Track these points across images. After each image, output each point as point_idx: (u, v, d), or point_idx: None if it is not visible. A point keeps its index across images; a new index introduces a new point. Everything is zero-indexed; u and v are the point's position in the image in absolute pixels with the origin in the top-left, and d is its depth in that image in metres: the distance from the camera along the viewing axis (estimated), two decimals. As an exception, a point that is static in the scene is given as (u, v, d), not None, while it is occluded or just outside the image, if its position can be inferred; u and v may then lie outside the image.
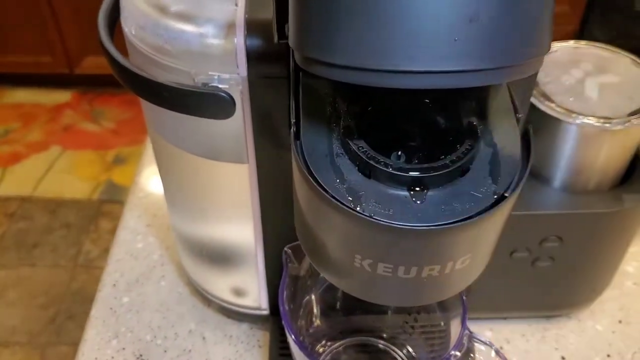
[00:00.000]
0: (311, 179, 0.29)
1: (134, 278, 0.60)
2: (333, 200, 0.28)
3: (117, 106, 2.08)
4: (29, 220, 1.77)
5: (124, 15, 0.40)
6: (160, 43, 0.37)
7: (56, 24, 1.91)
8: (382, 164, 0.28)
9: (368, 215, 0.27)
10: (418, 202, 0.28)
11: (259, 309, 0.54)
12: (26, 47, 1.96)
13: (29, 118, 2.05)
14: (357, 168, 0.29)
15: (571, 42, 0.50)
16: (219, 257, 0.51)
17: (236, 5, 0.37)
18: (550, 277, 0.51)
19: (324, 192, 0.28)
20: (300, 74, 0.31)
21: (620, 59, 0.48)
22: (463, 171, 0.29)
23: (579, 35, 1.66)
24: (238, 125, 0.39)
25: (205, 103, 0.37)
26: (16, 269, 1.64)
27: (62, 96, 2.13)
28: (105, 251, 1.65)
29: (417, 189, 0.28)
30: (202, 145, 0.42)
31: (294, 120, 0.31)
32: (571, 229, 0.47)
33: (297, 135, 0.31)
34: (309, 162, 0.30)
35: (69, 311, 1.56)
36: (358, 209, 0.27)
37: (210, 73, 0.37)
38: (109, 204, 1.78)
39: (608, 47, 0.49)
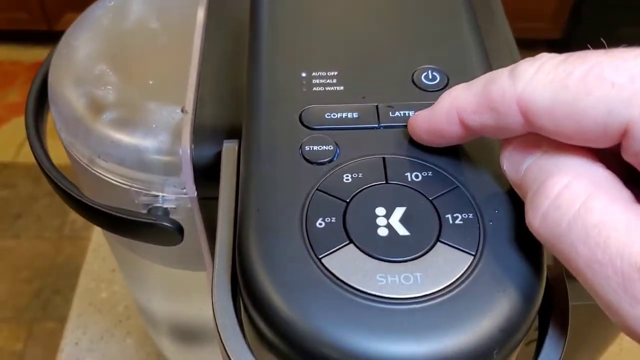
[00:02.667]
0: None
1: (98, 335, 0.56)
2: None
3: (100, 64, 2.00)
4: (12, 189, 1.72)
5: (54, 110, 0.34)
6: (93, 156, 0.32)
7: (31, -21, 1.80)
8: None
9: None
10: None
11: (229, 383, 0.50)
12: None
13: (7, 77, 1.97)
14: None
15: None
16: (180, 334, 0.47)
17: (182, 111, 0.31)
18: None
19: None
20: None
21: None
22: None
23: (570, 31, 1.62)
24: (191, 242, 0.34)
25: (146, 232, 0.31)
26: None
27: (41, 53, 2.03)
28: (91, 221, 1.60)
29: None
30: (155, 254, 0.37)
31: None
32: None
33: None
34: None
35: (55, 285, 1.53)
36: None
37: (153, 193, 0.32)
38: (93, 171, 1.73)
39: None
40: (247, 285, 0.22)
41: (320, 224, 0.22)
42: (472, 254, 0.21)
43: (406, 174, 0.23)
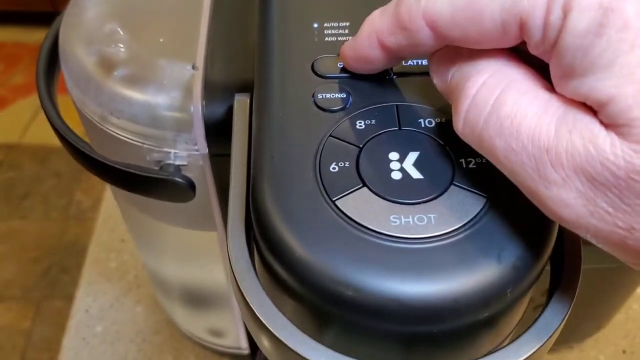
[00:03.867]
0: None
1: (108, 303, 0.56)
2: None
3: (104, 45, 1.99)
4: (18, 170, 1.72)
5: (65, 69, 0.34)
6: (105, 113, 0.32)
7: (34, -42, 1.79)
8: None
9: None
10: None
11: (239, 348, 0.50)
12: (3, -17, 1.86)
13: (12, 59, 1.96)
14: None
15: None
16: (191, 299, 0.47)
17: (193, 68, 0.31)
18: (552, 320, 0.47)
19: None
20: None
21: None
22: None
23: None
24: (202, 199, 0.34)
25: (157, 188, 0.31)
26: (6, 222, 1.61)
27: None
28: (97, 201, 1.61)
29: None
30: (165, 213, 0.37)
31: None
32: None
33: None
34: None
35: (62, 264, 1.54)
36: None
37: (165, 150, 0.32)
38: (98, 151, 1.73)
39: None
40: (262, 228, 0.22)
41: (334, 168, 0.22)
42: (485, 196, 0.21)
43: (419, 120, 0.24)
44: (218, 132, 0.31)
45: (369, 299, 0.20)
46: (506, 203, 0.21)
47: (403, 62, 0.25)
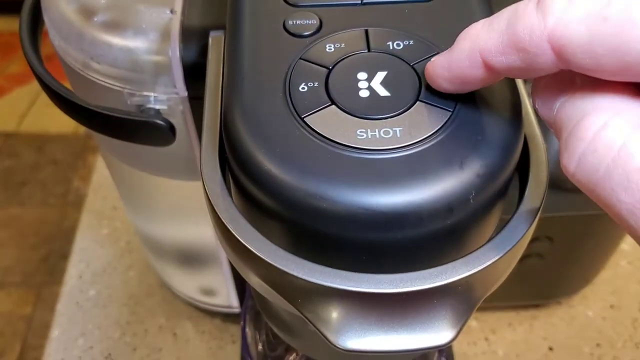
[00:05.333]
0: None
1: (101, 268, 0.57)
2: None
3: (100, 33, 1.99)
4: (16, 158, 1.73)
5: (47, 20, 0.35)
6: (86, 59, 0.32)
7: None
8: None
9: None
10: None
11: (229, 307, 0.51)
12: (-3, -27, 1.86)
13: (8, 48, 1.97)
14: None
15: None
16: (183, 258, 0.48)
17: (171, 12, 0.32)
18: (538, 272, 0.48)
19: None
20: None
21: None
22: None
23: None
24: (184, 145, 0.35)
25: (138, 131, 0.32)
26: (5, 209, 1.61)
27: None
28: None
29: None
30: (148, 163, 0.37)
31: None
32: (563, 230, 0.43)
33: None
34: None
35: (61, 250, 1.55)
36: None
37: (145, 94, 0.32)
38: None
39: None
40: (233, 146, 0.22)
41: (303, 88, 0.23)
42: (450, 110, 0.22)
43: (388, 43, 0.24)
44: (196, 74, 0.31)
45: (335, 208, 0.20)
46: (471, 117, 0.22)
47: (373, -11, 0.26)
